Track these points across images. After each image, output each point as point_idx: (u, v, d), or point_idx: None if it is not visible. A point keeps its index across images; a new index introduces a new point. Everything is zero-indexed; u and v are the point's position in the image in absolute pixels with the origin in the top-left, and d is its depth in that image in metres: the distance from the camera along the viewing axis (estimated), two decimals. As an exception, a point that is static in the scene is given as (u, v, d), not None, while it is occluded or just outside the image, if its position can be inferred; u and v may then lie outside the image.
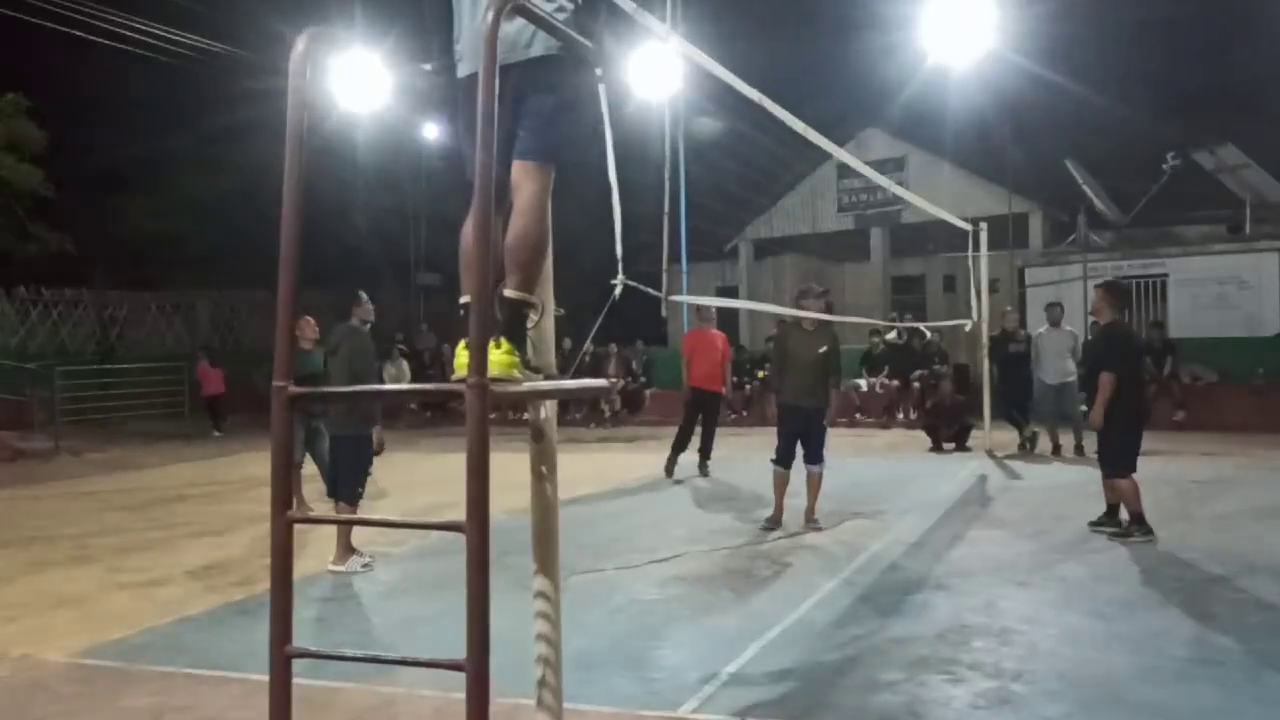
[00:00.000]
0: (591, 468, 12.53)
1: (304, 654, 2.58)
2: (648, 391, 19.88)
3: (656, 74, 13.32)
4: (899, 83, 23.03)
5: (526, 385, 3.02)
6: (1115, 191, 21.96)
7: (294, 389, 2.70)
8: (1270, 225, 19.87)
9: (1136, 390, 7.94)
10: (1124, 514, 7.75)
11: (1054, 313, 13.16)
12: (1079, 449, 12.48)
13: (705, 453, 11.94)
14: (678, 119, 21.55)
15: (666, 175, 4.57)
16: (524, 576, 3.55)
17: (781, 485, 8.41)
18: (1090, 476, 10.76)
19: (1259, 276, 18.73)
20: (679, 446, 11.78)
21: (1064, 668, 4.77)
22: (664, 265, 4.52)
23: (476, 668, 2.40)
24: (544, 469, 3.46)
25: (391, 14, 17.21)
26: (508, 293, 3.14)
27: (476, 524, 2.50)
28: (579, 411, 19.42)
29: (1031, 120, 23.22)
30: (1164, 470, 11.38)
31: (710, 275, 27.86)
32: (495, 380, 2.88)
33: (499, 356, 2.97)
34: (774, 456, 8.43)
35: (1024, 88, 21.85)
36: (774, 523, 8.34)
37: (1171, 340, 16.52)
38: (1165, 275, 19.50)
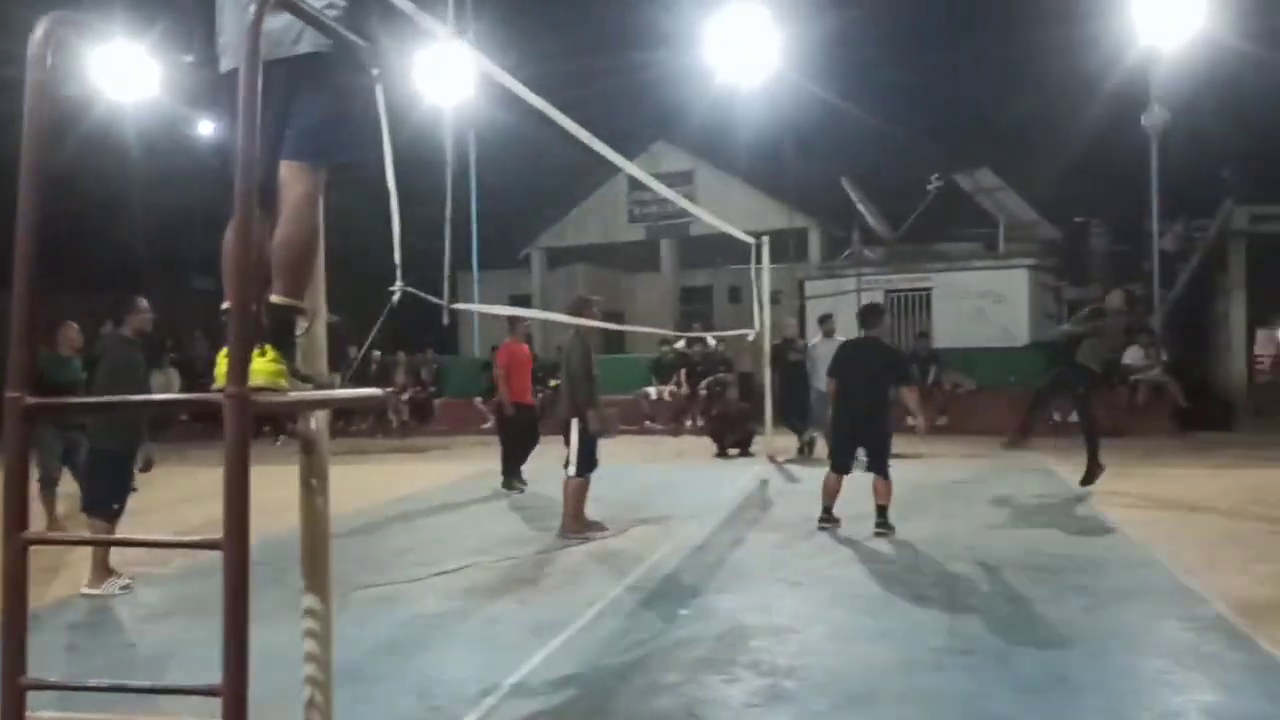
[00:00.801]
0: (377, 479, 12.24)
1: (39, 686, 2.39)
2: (437, 401, 19.57)
3: (445, 78, 13.24)
4: (690, 99, 23.65)
5: (293, 395, 2.91)
6: (886, 209, 23.24)
7: (31, 399, 2.51)
8: (1021, 244, 21.49)
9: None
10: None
11: (827, 324, 13.76)
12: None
13: (510, 470, 11.52)
14: (468, 125, 21.42)
15: (449, 180, 4.52)
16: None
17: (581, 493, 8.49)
18: (865, 478, 11.34)
19: (1012, 291, 20.18)
20: (515, 460, 11.30)
21: (832, 663, 4.98)
22: (446, 273, 4.46)
23: (233, 691, 2.29)
24: (314, 482, 3.33)
25: (156, 1, 16.31)
26: (274, 298, 3.02)
27: (235, 541, 2.39)
28: (365, 422, 18.91)
29: (812, 140, 24.32)
30: (927, 471, 12.11)
31: (502, 284, 27.71)
32: (258, 390, 2.76)
33: (263, 365, 2.85)
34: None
35: (806, 108, 22.86)
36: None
37: (935, 350, 17.59)
38: (930, 289, 20.73)
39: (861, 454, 8.42)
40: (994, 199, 22.11)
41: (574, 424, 8.31)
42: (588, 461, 8.35)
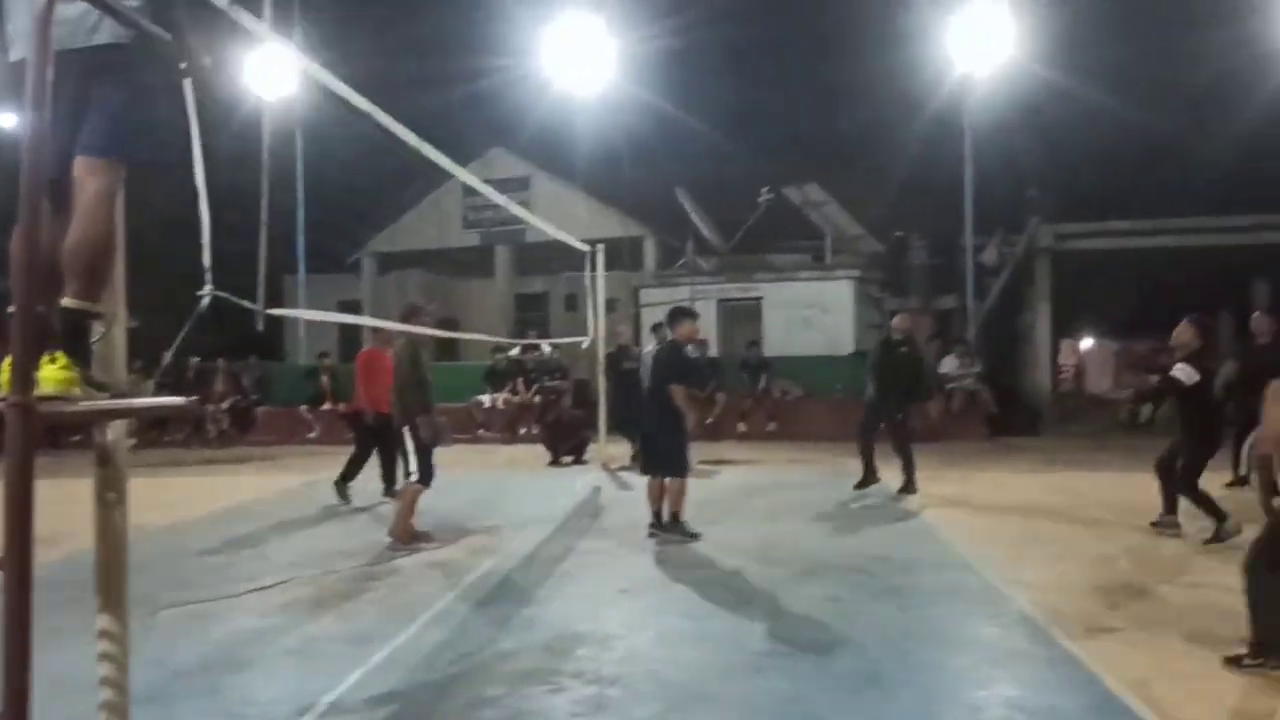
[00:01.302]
0: (193, 492, 11.72)
1: None
2: (260, 409, 18.88)
3: (267, 77, 12.79)
4: (527, 106, 23.58)
5: (85, 404, 2.74)
6: (719, 220, 23.74)
7: None
8: (846, 256, 22.30)
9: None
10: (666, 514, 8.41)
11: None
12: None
13: (390, 478, 10.73)
14: (294, 126, 20.77)
15: (264, 180, 4.36)
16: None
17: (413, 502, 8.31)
18: (697, 485, 11.50)
19: (838, 302, 20.93)
20: (351, 474, 10.75)
21: (657, 669, 5.02)
22: (261, 276, 4.28)
23: (12, 722, 2.14)
24: (111, 496, 3.15)
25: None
26: (66, 302, 2.85)
27: (17, 559, 2.24)
28: (180, 431, 18.07)
29: (648, 150, 24.61)
30: (754, 476, 12.41)
31: (330, 289, 26.98)
32: (46, 399, 2.60)
33: (54, 373, 2.69)
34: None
35: (642, 119, 23.12)
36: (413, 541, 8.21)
37: (766, 358, 18.05)
38: (761, 299, 21.29)
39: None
40: (821, 213, 22.87)
41: (406, 432, 8.16)
42: (428, 470, 8.21)
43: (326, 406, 18.29)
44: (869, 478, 10.76)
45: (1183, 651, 5.15)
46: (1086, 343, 31.50)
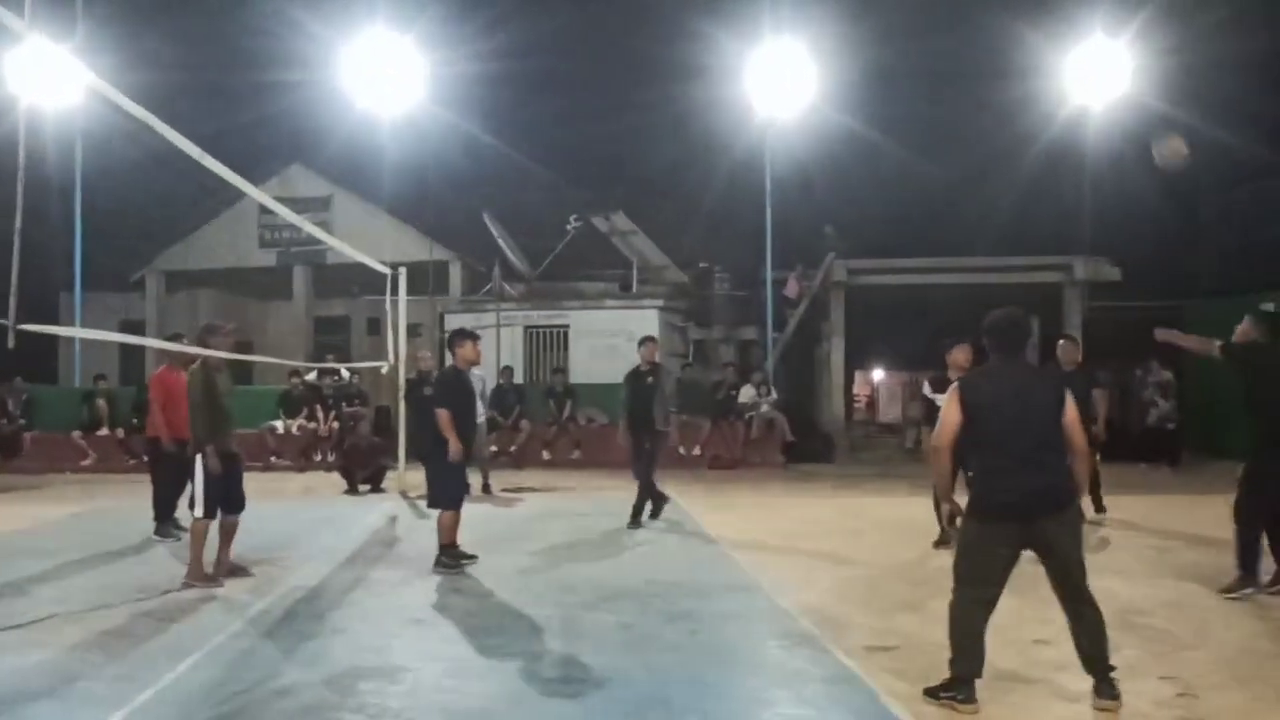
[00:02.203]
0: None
1: None
2: (27, 434, 17.55)
3: (37, 78, 11.99)
4: (329, 124, 22.96)
5: None
6: (527, 247, 23.71)
7: None
8: (652, 285, 22.67)
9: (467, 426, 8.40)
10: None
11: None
12: (486, 488, 13.14)
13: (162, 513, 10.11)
14: (74, 135, 19.54)
15: (19, 188, 4.03)
16: None
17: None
18: (498, 513, 11.39)
19: (643, 329, 21.11)
20: (168, 503, 9.94)
21: (445, 700, 4.90)
22: (13, 290, 3.96)
23: None
24: None
25: None
26: None
27: None
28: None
29: (456, 173, 24.37)
30: (554, 504, 12.39)
31: (112, 308, 25.43)
32: None
33: None
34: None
35: (450, 142, 22.89)
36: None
37: (571, 385, 18.07)
38: (568, 326, 21.34)
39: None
40: (628, 242, 23.19)
41: (197, 461, 7.71)
42: (212, 501, 7.76)
43: (103, 432, 17.18)
44: (660, 502, 10.80)
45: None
46: (878, 373, 33.05)
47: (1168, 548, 9.08)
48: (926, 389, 9.00)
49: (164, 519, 9.94)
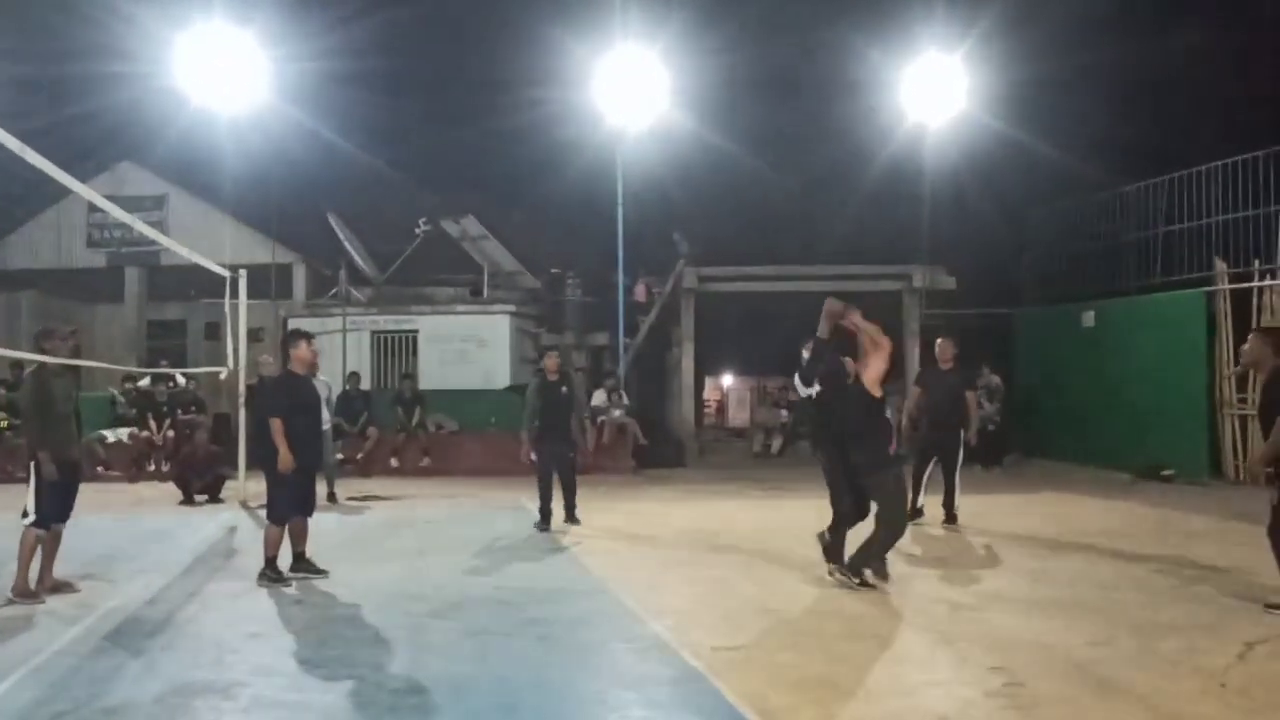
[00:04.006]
0: None
1: None
2: None
3: None
4: (163, 120, 21.95)
5: None
6: (374, 250, 23.21)
7: None
8: (503, 291, 22.52)
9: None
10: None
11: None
12: (331, 496, 12.80)
13: None
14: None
15: None
16: None
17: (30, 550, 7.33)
18: (345, 522, 11.13)
19: (494, 335, 21.04)
20: None
21: (286, 716, 4.75)
22: None
23: None
24: None
25: None
26: None
27: None
28: None
29: (300, 173, 23.62)
30: (402, 512, 12.18)
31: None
32: None
33: None
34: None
35: (293, 141, 22.17)
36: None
37: (420, 391, 17.77)
38: (417, 331, 21.02)
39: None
40: (479, 247, 22.96)
41: (31, 468, 7.28)
42: (45, 511, 7.31)
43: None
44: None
45: (794, 664, 5.54)
46: (727, 379, 33.66)
47: (993, 544, 9.52)
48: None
49: None
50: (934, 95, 18.81)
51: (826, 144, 22.96)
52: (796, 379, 8.16)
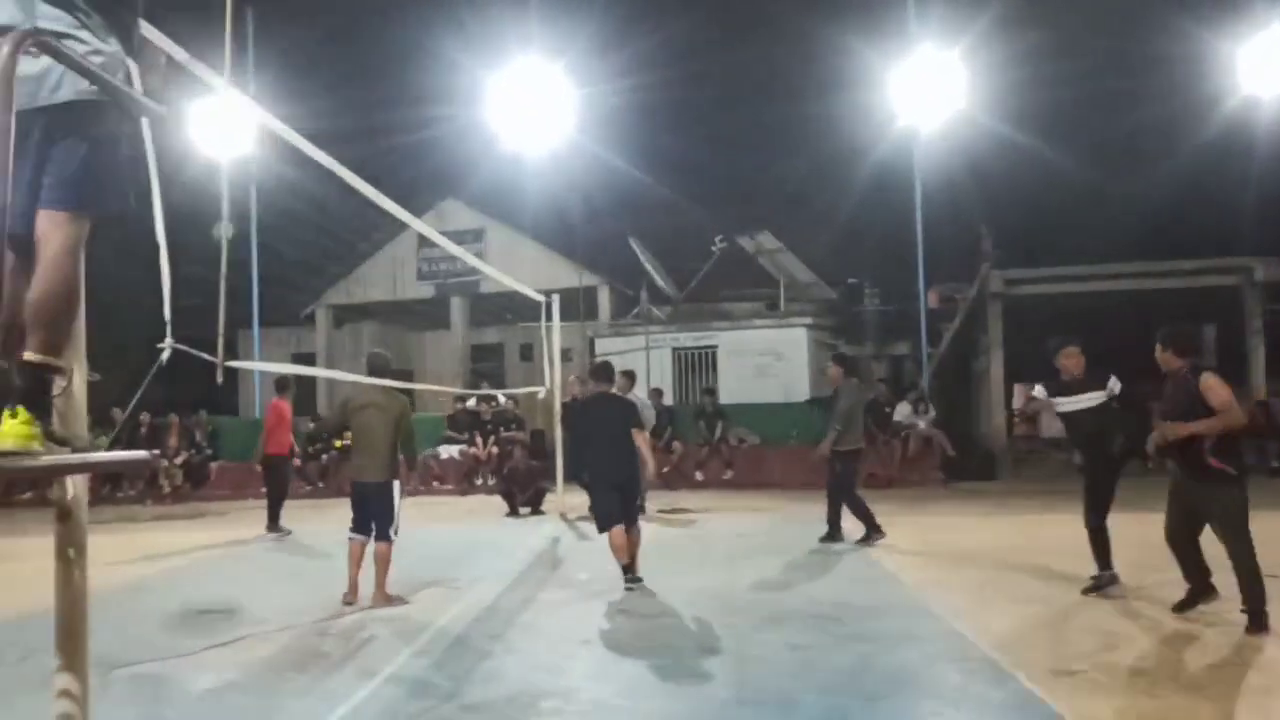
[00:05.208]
0: (144, 548, 11.46)
1: None
2: (214, 464, 18.60)
3: (223, 130, 12.79)
4: (478, 157, 23.71)
5: (45, 459, 2.71)
6: (673, 269, 23.92)
7: None
8: (800, 304, 22.53)
9: None
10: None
11: (621, 382, 13.91)
12: (642, 509, 13.26)
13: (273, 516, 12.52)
14: (249, 179, 20.71)
15: (224, 234, 4.36)
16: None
17: (356, 558, 8.16)
18: (656, 534, 11.51)
19: (792, 349, 21.09)
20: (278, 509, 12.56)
21: (622, 719, 5.00)
22: (220, 329, 4.27)
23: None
24: (72, 552, 3.09)
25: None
26: (28, 356, 2.82)
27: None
28: (134, 488, 17.75)
29: (600, 201, 24.78)
30: (712, 525, 12.41)
31: (285, 341, 26.81)
32: (7, 454, 2.58)
33: (14, 427, 2.66)
34: (351, 527, 8.20)
35: (594, 170, 23.30)
36: (349, 599, 8.04)
37: (721, 406, 18.10)
38: (716, 347, 21.42)
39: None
40: (774, 260, 23.13)
41: (395, 485, 8.11)
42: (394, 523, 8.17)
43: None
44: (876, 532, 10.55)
45: (1145, 691, 5.20)
46: (1038, 388, 31.91)
47: None
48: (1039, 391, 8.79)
49: (274, 519, 12.44)
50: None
51: (1139, 127, 21.41)
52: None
